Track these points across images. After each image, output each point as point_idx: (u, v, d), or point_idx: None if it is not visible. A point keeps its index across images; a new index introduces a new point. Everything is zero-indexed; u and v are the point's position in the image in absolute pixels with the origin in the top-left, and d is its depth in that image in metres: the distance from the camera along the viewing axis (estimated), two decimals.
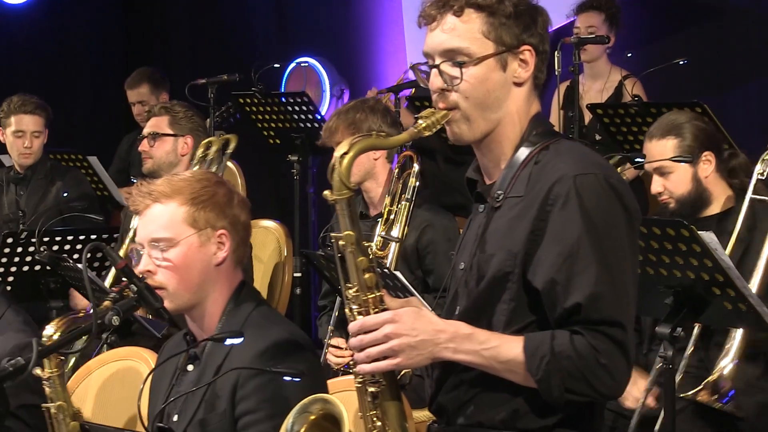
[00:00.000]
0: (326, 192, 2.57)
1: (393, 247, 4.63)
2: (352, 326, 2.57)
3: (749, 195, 4.33)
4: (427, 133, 2.62)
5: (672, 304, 3.66)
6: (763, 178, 4.36)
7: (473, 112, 2.61)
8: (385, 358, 2.53)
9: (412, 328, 2.53)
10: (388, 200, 4.78)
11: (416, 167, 4.73)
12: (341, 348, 4.79)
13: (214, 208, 3.13)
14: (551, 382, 2.48)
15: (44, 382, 3.03)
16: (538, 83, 2.68)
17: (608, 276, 2.50)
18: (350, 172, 2.56)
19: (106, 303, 2.83)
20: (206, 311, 3.14)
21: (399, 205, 4.68)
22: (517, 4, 2.61)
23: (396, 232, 4.62)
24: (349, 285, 2.59)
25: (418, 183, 4.72)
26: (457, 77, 2.59)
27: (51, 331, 2.91)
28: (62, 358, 2.99)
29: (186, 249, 3.09)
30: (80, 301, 5.44)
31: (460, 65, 2.59)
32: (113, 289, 2.90)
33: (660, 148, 4.44)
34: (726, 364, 4.07)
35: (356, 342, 2.55)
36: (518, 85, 2.64)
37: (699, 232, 3.55)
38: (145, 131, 5.57)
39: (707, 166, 4.39)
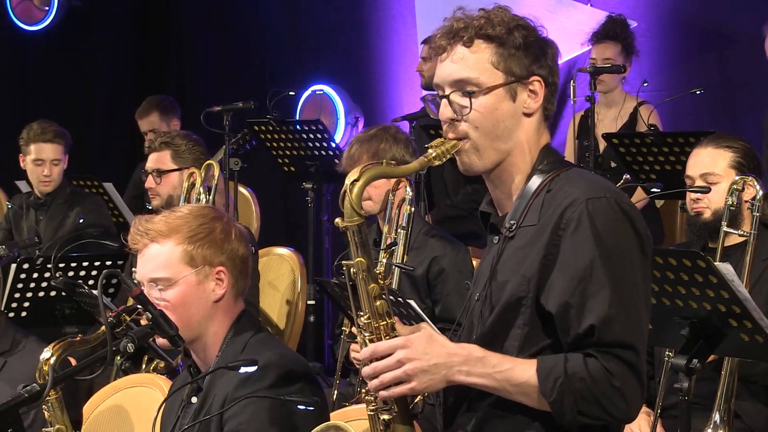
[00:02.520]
0: (337, 219, 2.60)
1: (396, 274, 4.61)
2: (363, 352, 2.58)
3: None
4: (437, 163, 2.64)
5: (688, 335, 3.63)
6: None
7: (483, 142, 2.63)
8: (398, 383, 2.54)
9: (425, 353, 2.54)
10: (386, 228, 4.77)
11: (410, 193, 4.70)
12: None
13: (211, 245, 3.13)
14: (564, 404, 2.48)
15: (43, 406, 3.04)
16: (547, 114, 2.70)
17: (621, 299, 2.51)
18: (361, 199, 2.58)
19: (101, 330, 2.85)
20: (207, 344, 3.16)
21: (397, 233, 4.66)
22: (526, 35, 2.63)
23: (397, 259, 4.59)
24: (361, 312, 2.61)
25: (413, 209, 4.69)
26: (467, 107, 2.61)
27: (48, 354, 2.93)
28: None
29: (184, 288, 3.10)
30: None
31: (470, 95, 2.61)
32: (110, 314, 2.91)
33: (715, 157, 4.42)
34: None
35: (369, 369, 2.56)
36: (528, 115, 2.66)
37: (716, 263, 3.53)
38: (149, 167, 5.54)
39: (751, 190, 4.35)
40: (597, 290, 2.50)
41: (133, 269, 4.99)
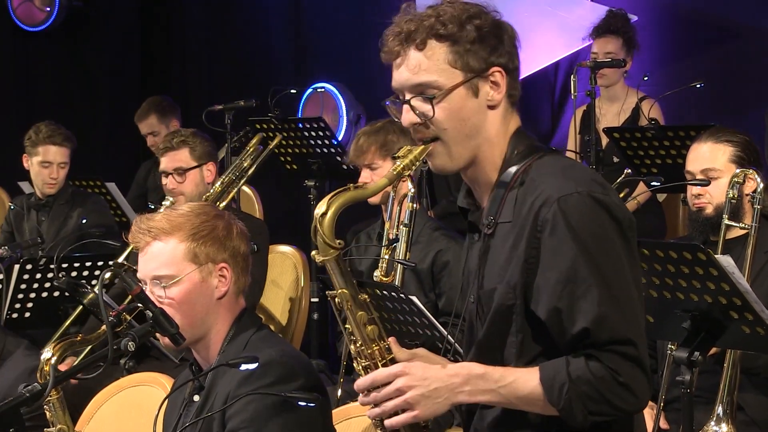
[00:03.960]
0: (314, 253, 2.57)
1: (399, 271, 4.61)
2: (361, 382, 2.56)
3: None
4: (407, 173, 2.58)
5: (689, 328, 3.63)
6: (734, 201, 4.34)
7: (452, 142, 2.57)
8: (402, 410, 2.51)
9: (424, 378, 2.51)
10: (388, 225, 4.76)
11: (412, 190, 4.69)
12: None
13: (214, 242, 3.13)
14: (573, 408, 2.46)
15: (44, 406, 3.04)
16: (513, 101, 2.63)
17: (610, 294, 2.46)
18: (332, 232, 2.55)
19: (102, 329, 2.86)
20: (210, 341, 3.16)
21: (398, 230, 4.65)
22: (480, 26, 2.55)
23: (399, 256, 4.59)
24: (354, 338, 2.59)
25: (415, 206, 4.69)
26: (429, 110, 2.56)
27: (48, 354, 2.93)
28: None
29: (188, 285, 3.10)
30: None
31: (431, 99, 2.55)
32: (111, 312, 2.91)
33: (714, 152, 4.41)
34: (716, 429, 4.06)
35: (370, 399, 2.54)
36: (492, 107, 2.59)
37: (716, 256, 3.53)
38: (168, 167, 5.56)
39: (751, 182, 4.34)
40: (584, 290, 2.45)
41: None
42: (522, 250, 2.51)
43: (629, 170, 5.30)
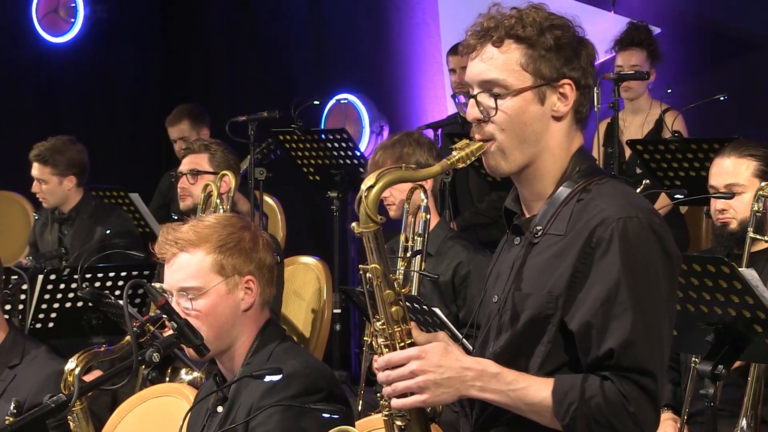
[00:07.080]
0: (353, 224, 2.57)
1: (415, 281, 4.61)
2: (378, 361, 2.57)
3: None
4: (460, 165, 2.59)
5: (713, 341, 3.63)
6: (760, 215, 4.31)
7: (509, 144, 2.58)
8: (411, 393, 2.52)
9: (438, 365, 2.51)
10: (402, 236, 4.76)
11: (424, 200, 4.70)
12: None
13: (241, 254, 3.14)
14: (576, 427, 2.45)
15: (68, 416, 3.05)
16: (580, 118, 2.63)
17: (643, 324, 2.46)
18: (376, 206, 2.55)
19: (126, 340, 2.87)
20: (234, 353, 3.17)
21: (414, 241, 4.66)
22: (559, 36, 2.57)
23: (415, 267, 4.60)
24: (377, 317, 2.59)
25: (428, 216, 4.69)
26: (493, 108, 2.57)
27: (72, 365, 2.94)
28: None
29: (214, 297, 3.11)
30: None
31: (496, 97, 2.56)
32: (135, 323, 2.91)
33: (738, 167, 4.40)
34: None
35: (383, 377, 2.54)
36: (557, 119, 2.60)
37: (740, 269, 3.52)
38: (184, 168, 5.60)
39: None
40: (620, 313, 2.46)
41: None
42: (570, 263, 2.52)
43: (648, 181, 5.29)
